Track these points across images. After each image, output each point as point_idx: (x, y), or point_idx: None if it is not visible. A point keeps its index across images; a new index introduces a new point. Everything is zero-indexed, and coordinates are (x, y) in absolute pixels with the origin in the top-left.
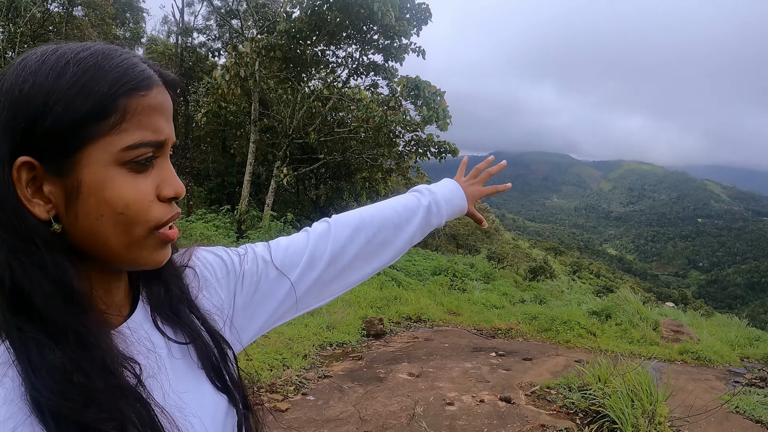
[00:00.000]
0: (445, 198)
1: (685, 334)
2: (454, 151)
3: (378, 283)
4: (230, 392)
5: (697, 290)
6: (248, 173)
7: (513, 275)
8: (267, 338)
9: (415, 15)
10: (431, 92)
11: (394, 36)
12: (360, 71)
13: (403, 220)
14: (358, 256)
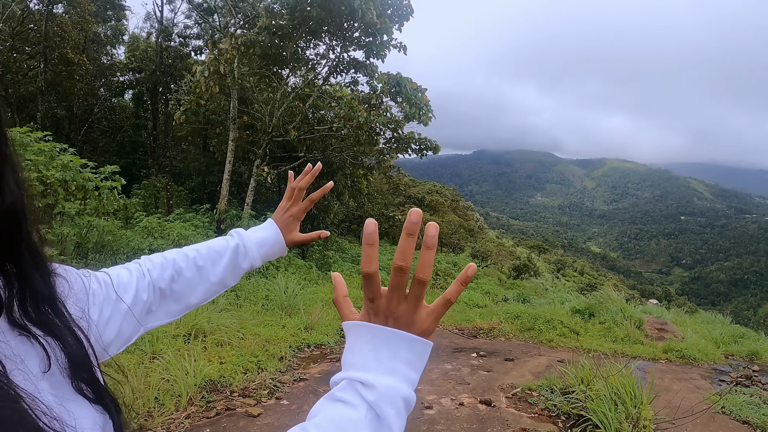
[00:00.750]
0: (258, 240)
1: (669, 332)
2: (435, 148)
3: (358, 283)
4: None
5: (681, 287)
6: (227, 172)
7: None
8: (242, 340)
9: (396, 11)
10: (413, 88)
11: (375, 33)
12: (341, 68)
13: (207, 262)
14: (166, 294)
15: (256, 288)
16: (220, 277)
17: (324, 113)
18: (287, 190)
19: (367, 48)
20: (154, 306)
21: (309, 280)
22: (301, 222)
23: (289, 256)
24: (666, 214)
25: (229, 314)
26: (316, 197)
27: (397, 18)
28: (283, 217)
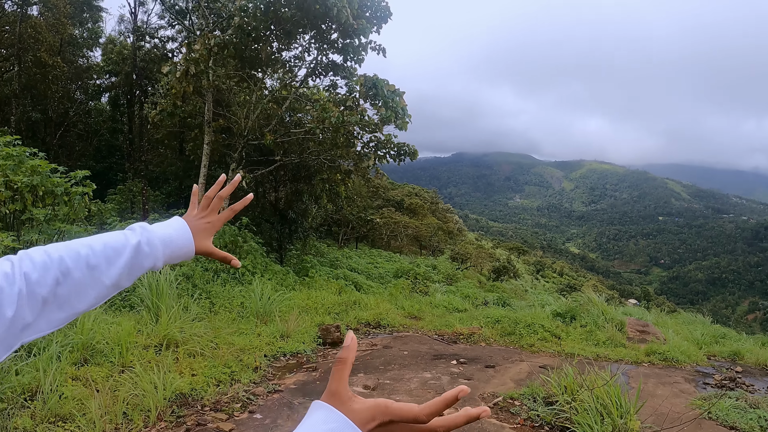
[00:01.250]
0: (164, 238)
1: (651, 334)
2: (413, 153)
3: (336, 288)
4: None
5: (660, 287)
6: (203, 176)
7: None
8: (216, 350)
9: (374, 13)
10: (390, 91)
11: (352, 34)
12: (318, 71)
13: (102, 261)
14: (48, 300)
15: (231, 295)
16: (115, 279)
17: (301, 116)
18: (203, 199)
19: (344, 50)
20: (29, 317)
21: (286, 286)
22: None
23: (266, 261)
24: (644, 215)
25: (203, 323)
26: (238, 207)
27: (375, 20)
28: (199, 222)
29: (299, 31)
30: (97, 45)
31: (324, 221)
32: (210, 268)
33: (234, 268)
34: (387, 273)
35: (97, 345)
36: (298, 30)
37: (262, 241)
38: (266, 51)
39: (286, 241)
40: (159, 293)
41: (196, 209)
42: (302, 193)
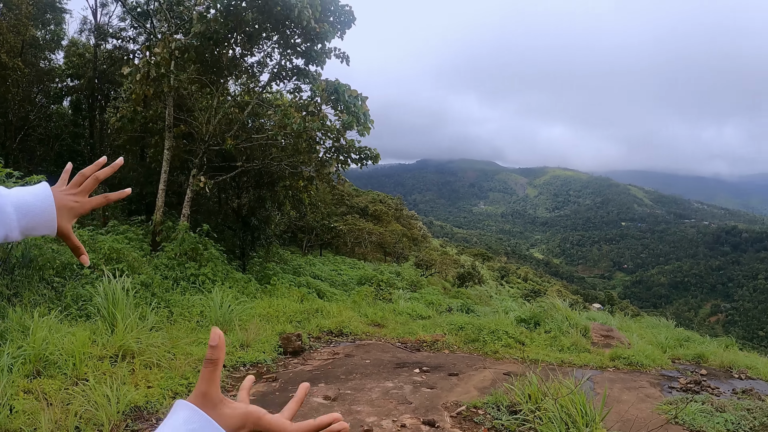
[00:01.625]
0: (19, 204)
1: (616, 339)
2: (375, 157)
3: (298, 296)
4: None
5: (623, 291)
6: (163, 182)
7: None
8: (173, 361)
9: (338, 18)
10: (352, 96)
11: (315, 38)
12: (282, 76)
13: None
14: None
15: (190, 304)
16: None
17: (264, 122)
18: (77, 176)
19: (306, 54)
20: None
21: (247, 294)
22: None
23: (227, 269)
24: (607, 221)
25: (161, 333)
26: (113, 197)
27: (339, 25)
28: (66, 197)
29: (262, 36)
30: (60, 47)
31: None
32: (170, 276)
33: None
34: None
35: (50, 356)
36: (260, 34)
37: (224, 248)
38: (228, 55)
39: (249, 249)
40: (115, 302)
41: (65, 185)
42: (265, 199)
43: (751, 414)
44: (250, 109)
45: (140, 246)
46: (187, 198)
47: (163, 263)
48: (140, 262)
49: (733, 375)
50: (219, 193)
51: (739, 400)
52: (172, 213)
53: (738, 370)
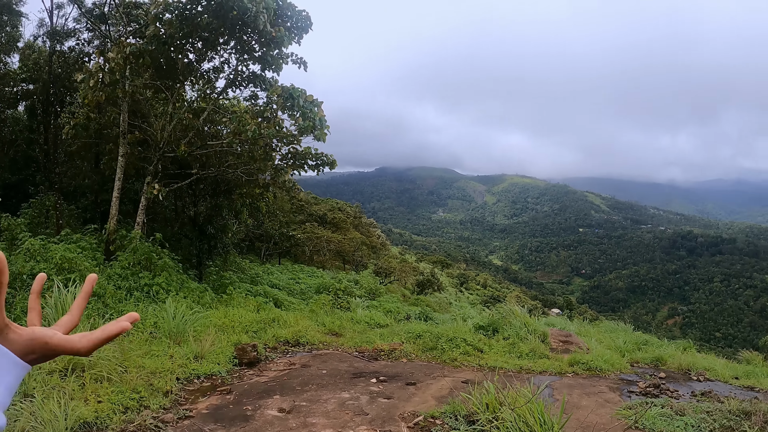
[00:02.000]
0: None
1: (574, 344)
2: (332, 163)
3: (255, 305)
4: None
5: (581, 296)
6: (117, 189)
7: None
8: (125, 374)
9: (295, 23)
10: (308, 101)
11: (271, 43)
12: (238, 82)
13: None
14: None
15: (144, 315)
16: None
17: (220, 128)
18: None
19: (262, 60)
20: None
21: (203, 304)
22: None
23: (182, 279)
24: (565, 227)
25: (113, 345)
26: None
27: (296, 30)
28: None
29: (219, 41)
30: (15, 51)
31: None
32: (123, 286)
33: (148, 287)
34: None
35: None
36: (217, 39)
37: (180, 257)
38: (184, 61)
39: (206, 258)
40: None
41: None
42: (222, 207)
43: (710, 416)
44: (205, 115)
45: (93, 255)
46: (141, 206)
47: (116, 273)
48: (93, 271)
49: (692, 377)
50: (175, 201)
51: (698, 403)
52: (128, 221)
53: (696, 372)
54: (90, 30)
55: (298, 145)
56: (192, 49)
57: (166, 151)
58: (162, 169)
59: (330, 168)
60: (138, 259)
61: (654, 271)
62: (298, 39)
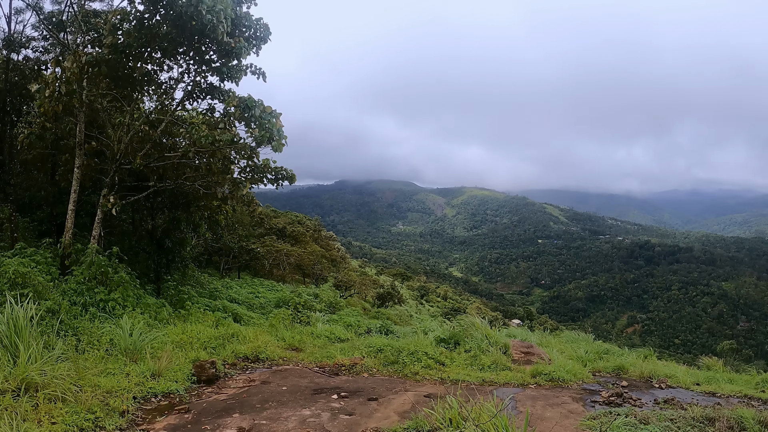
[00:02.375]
0: None
1: (536, 355)
2: (291, 177)
3: (213, 320)
4: None
5: (541, 306)
6: (72, 202)
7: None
8: (80, 393)
9: (253, 33)
10: (265, 112)
11: (229, 53)
12: (196, 94)
13: None
14: None
15: (100, 331)
16: None
17: (178, 140)
18: None
19: (220, 71)
20: None
21: (160, 320)
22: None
23: (139, 294)
24: (524, 238)
25: (67, 363)
26: None
27: (254, 40)
28: None
29: (177, 51)
30: None
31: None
32: (78, 302)
33: (104, 302)
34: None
35: None
36: (176, 49)
37: (138, 272)
38: (141, 70)
39: (164, 272)
40: (18, 331)
41: None
42: (180, 221)
43: (674, 424)
44: (163, 126)
45: (48, 270)
46: (97, 219)
47: (72, 288)
48: (47, 287)
49: (654, 385)
50: (133, 214)
51: (661, 411)
52: (84, 235)
53: (658, 379)
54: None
55: (257, 158)
56: (150, 59)
57: (123, 163)
58: (119, 182)
59: (289, 182)
60: (94, 273)
61: (613, 281)
62: (257, 50)
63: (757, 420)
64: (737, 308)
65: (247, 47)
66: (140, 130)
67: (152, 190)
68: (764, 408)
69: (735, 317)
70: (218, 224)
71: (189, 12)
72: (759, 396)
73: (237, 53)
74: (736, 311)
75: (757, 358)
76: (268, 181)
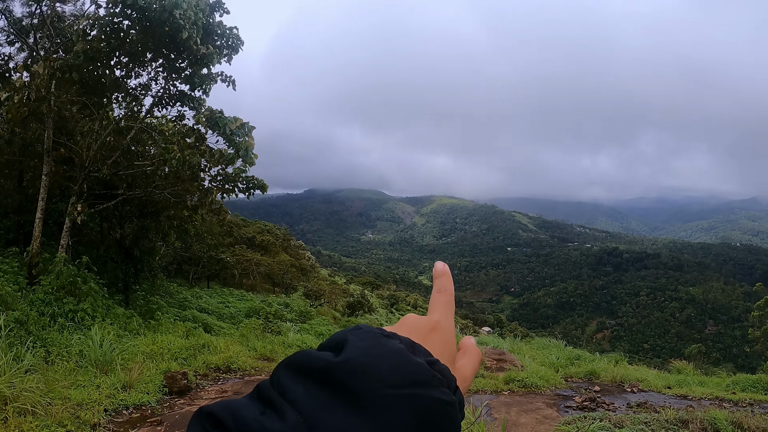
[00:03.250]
0: None
1: (508, 362)
2: (262, 187)
3: (184, 331)
4: None
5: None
6: (40, 210)
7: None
8: (50, 406)
9: (225, 41)
10: (236, 127)
11: (200, 62)
12: (165, 101)
13: None
14: None
15: (69, 343)
16: None
17: (147, 148)
18: None
19: (191, 79)
20: None
21: (130, 331)
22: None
23: (108, 304)
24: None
25: (37, 375)
26: None
27: (226, 49)
28: None
29: (147, 57)
30: None
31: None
32: (47, 313)
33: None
34: (239, 312)
35: None
36: (145, 54)
37: (107, 281)
38: (111, 77)
39: (132, 282)
40: None
41: None
42: (149, 230)
43: (649, 427)
44: (132, 134)
45: (15, 279)
46: (65, 227)
47: (40, 298)
48: (15, 297)
49: (626, 389)
50: (101, 223)
51: (635, 414)
52: (52, 243)
53: (630, 383)
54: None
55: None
56: (120, 65)
57: (92, 171)
58: (88, 189)
59: (261, 191)
60: (62, 283)
61: (582, 287)
62: (229, 59)
63: (730, 421)
64: (705, 312)
65: (219, 55)
66: (109, 138)
67: (121, 199)
68: (736, 409)
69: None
70: (187, 233)
71: (163, 18)
72: (730, 398)
73: (208, 61)
74: (703, 315)
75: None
76: (239, 191)
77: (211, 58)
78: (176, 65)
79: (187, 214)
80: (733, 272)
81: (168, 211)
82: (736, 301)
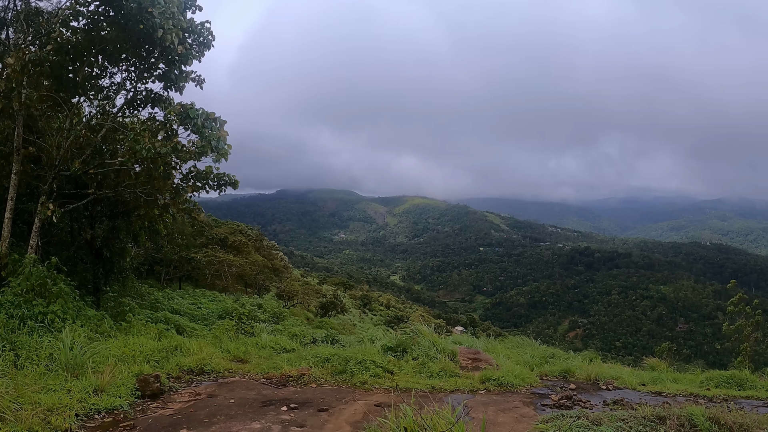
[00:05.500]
0: None
1: (484, 361)
2: (234, 183)
3: (156, 333)
4: None
5: (484, 313)
6: (9, 209)
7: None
8: (19, 411)
9: (197, 38)
10: (208, 119)
11: (175, 61)
12: (137, 102)
13: None
14: None
15: (39, 346)
16: None
17: (118, 147)
18: None
19: (165, 77)
20: None
21: (101, 333)
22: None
23: (79, 305)
24: (466, 246)
25: (6, 380)
26: None
27: (198, 45)
28: None
29: (121, 56)
30: None
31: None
32: (16, 315)
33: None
34: (211, 314)
35: None
36: (120, 53)
37: (77, 283)
38: (84, 74)
39: (103, 283)
40: None
41: None
42: (120, 230)
43: (626, 424)
44: (104, 132)
45: None
46: (35, 228)
47: (9, 300)
48: None
49: (601, 387)
50: (71, 223)
51: (612, 412)
52: (21, 244)
53: (605, 381)
54: None
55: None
56: (94, 62)
57: (62, 169)
58: (57, 189)
59: (233, 188)
60: (32, 285)
61: (554, 287)
62: (200, 56)
63: (707, 417)
64: (676, 311)
65: (193, 54)
66: (81, 135)
67: (92, 198)
68: (711, 405)
69: (674, 319)
70: (159, 234)
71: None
72: (704, 394)
73: (182, 60)
74: (674, 313)
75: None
76: (210, 188)
77: (186, 56)
78: (149, 63)
79: (158, 214)
80: (704, 271)
81: (139, 210)
82: (706, 300)
